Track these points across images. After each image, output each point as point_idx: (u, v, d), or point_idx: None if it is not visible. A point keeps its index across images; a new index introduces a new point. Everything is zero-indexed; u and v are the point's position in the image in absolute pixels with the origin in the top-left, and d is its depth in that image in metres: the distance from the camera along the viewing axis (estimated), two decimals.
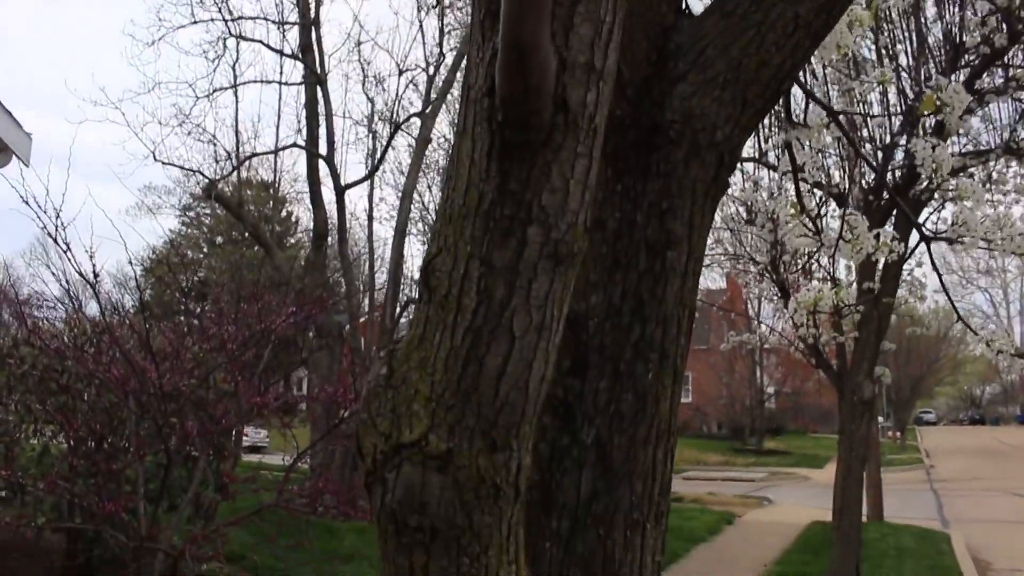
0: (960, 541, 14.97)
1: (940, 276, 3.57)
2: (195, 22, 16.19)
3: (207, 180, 16.02)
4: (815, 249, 7.85)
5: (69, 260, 6.80)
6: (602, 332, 1.53)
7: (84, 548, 9.45)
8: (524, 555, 1.32)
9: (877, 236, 3.44)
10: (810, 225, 4.53)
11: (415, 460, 1.24)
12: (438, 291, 1.27)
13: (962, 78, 8.00)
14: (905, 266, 9.55)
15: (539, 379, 1.27)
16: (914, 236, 8.15)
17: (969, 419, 75.13)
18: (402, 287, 16.09)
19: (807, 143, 2.51)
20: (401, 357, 1.30)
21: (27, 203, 7.23)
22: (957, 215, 3.25)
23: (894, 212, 8.80)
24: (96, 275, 6.75)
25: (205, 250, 31.77)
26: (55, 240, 6.89)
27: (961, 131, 7.75)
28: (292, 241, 33.41)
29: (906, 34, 9.18)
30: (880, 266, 9.36)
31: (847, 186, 9.31)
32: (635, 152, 1.62)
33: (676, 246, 1.59)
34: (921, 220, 8.01)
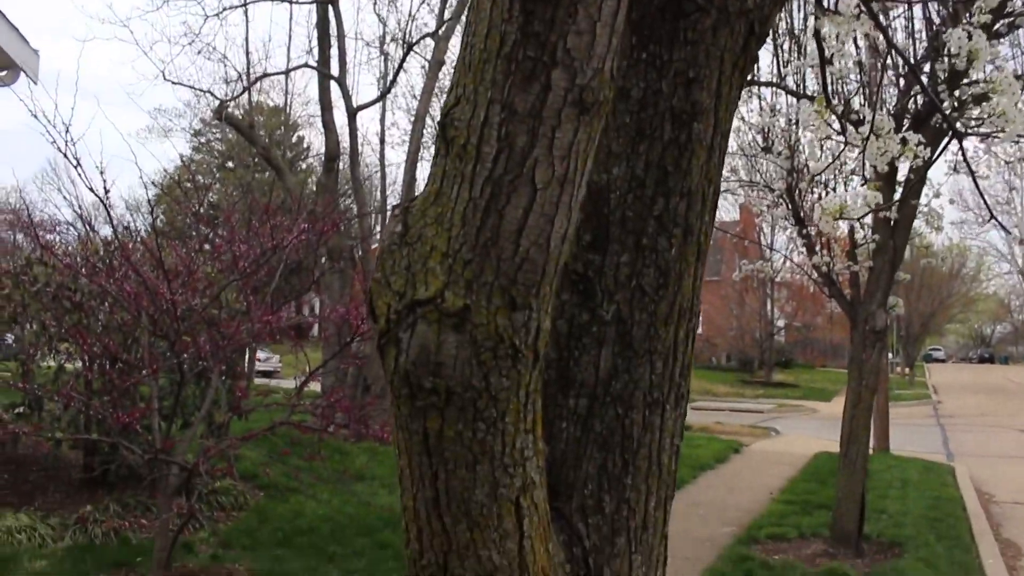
0: (964, 474, 15.11)
1: (973, 174, 3.47)
2: None
3: (218, 101, 15.87)
4: (837, 164, 7.71)
5: (80, 175, 6.75)
6: (624, 205, 1.48)
7: (100, 463, 9.62)
8: (542, 428, 1.30)
9: (903, 140, 3.34)
10: (836, 125, 4.38)
11: (431, 318, 1.20)
12: (456, 142, 1.21)
13: None
14: (923, 198, 9.43)
15: (560, 237, 1.22)
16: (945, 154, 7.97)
17: (978, 357, 75.29)
18: None
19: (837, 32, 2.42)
20: (416, 213, 1.25)
21: (36, 118, 7.17)
22: (994, 107, 3.14)
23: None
24: (107, 190, 6.71)
25: (217, 175, 31.68)
26: (65, 155, 6.85)
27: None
28: (303, 166, 33.27)
29: None
30: (897, 194, 9.24)
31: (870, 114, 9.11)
32: (661, 19, 1.54)
33: (702, 117, 1.52)
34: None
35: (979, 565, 8.98)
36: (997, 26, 7.62)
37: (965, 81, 6.46)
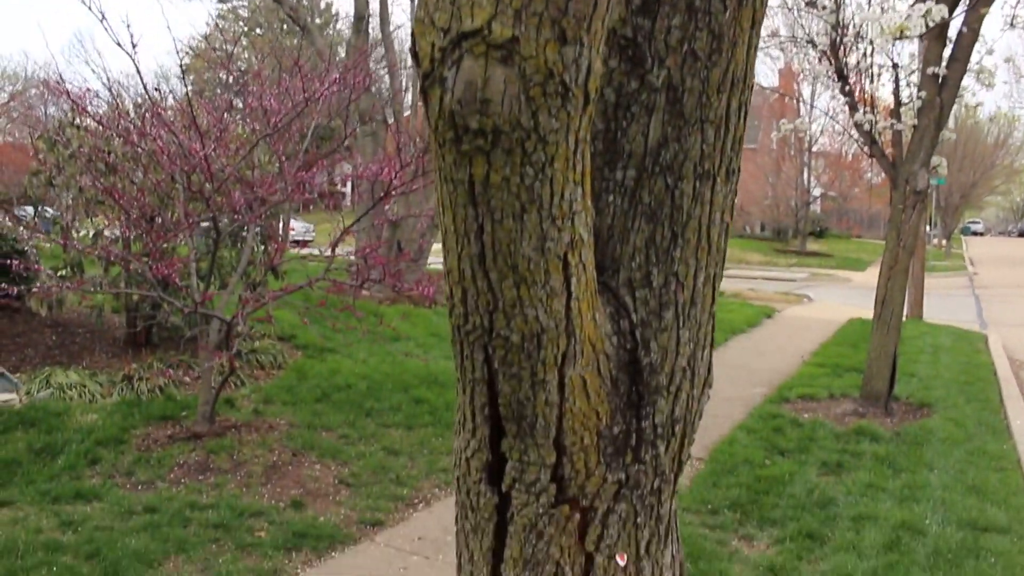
0: (997, 342, 15.07)
1: None
2: None
3: None
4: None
5: (106, 29, 6.64)
6: None
7: (143, 324, 9.86)
8: (591, 188, 1.26)
9: None
10: None
11: (477, 52, 1.14)
12: None
13: None
14: (974, 55, 9.05)
15: None
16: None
17: (1018, 231, 74.11)
18: None
19: None
20: None
21: None
22: None
23: None
24: (135, 45, 6.61)
25: (244, 42, 31.19)
26: (89, 8, 6.73)
27: None
28: (331, 32, 32.68)
29: None
30: (948, 51, 8.87)
31: None
32: None
33: None
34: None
35: (1007, 426, 9.05)
36: None
37: None
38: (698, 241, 1.37)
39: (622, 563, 1.25)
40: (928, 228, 33.78)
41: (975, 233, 71.55)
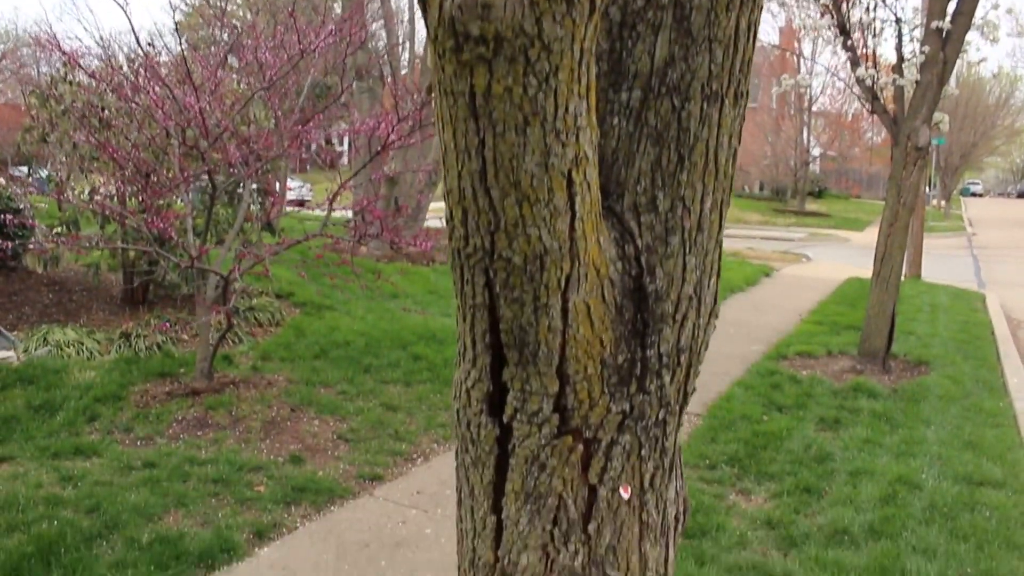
0: (995, 301, 15.09)
1: None
2: None
3: None
4: None
5: None
6: None
7: (140, 280, 9.83)
8: (595, 105, 1.21)
9: None
10: None
11: None
12: None
13: None
14: (979, 10, 8.93)
15: None
16: None
17: (1018, 192, 73.93)
18: None
19: None
20: None
21: None
22: None
23: None
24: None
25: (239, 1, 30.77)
26: None
27: None
28: None
29: None
30: (952, 6, 8.76)
31: None
32: None
33: None
34: None
35: (1003, 384, 9.08)
36: None
37: None
38: (705, 165, 1.33)
39: (626, 496, 1.22)
40: (927, 189, 33.68)
41: (974, 194, 71.40)
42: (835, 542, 5.18)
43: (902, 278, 9.93)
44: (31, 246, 9.16)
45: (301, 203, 24.82)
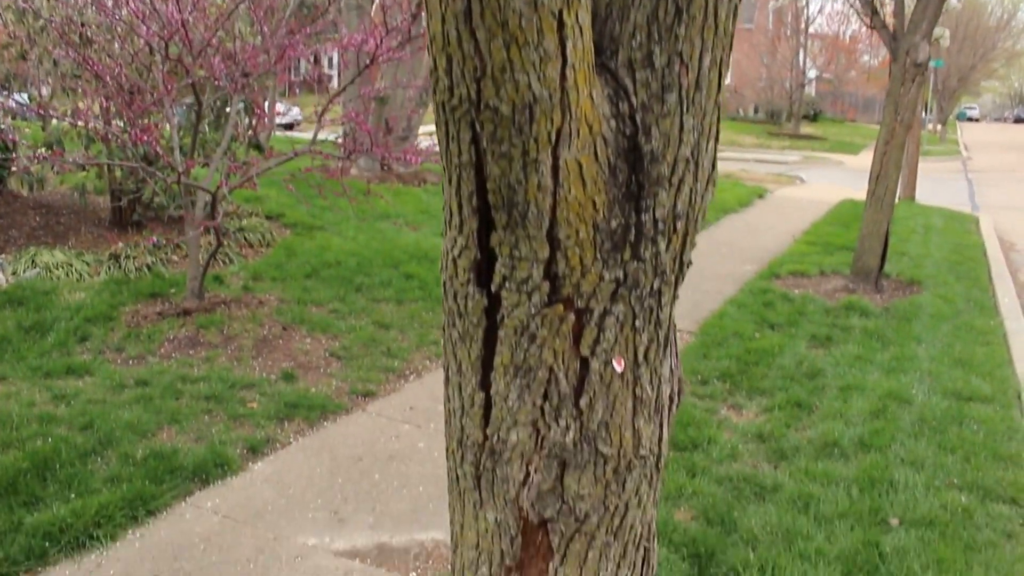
0: (988, 223, 15.08)
1: None
2: None
3: None
4: None
5: None
6: None
7: (128, 201, 9.71)
8: None
9: None
10: None
11: None
12: None
13: None
14: None
15: None
16: None
17: (1015, 117, 73.40)
18: None
19: None
20: None
21: None
22: None
23: None
24: None
25: None
26: None
27: None
28: None
29: None
30: None
31: None
32: None
33: None
34: None
35: (995, 304, 9.11)
36: None
37: None
38: (704, 19, 1.25)
39: (619, 368, 1.18)
40: (924, 114, 33.39)
41: (971, 119, 70.87)
42: (825, 454, 5.23)
43: (896, 200, 9.87)
44: (14, 168, 8.99)
45: (291, 126, 24.50)
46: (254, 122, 8.46)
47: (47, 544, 4.10)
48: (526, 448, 1.22)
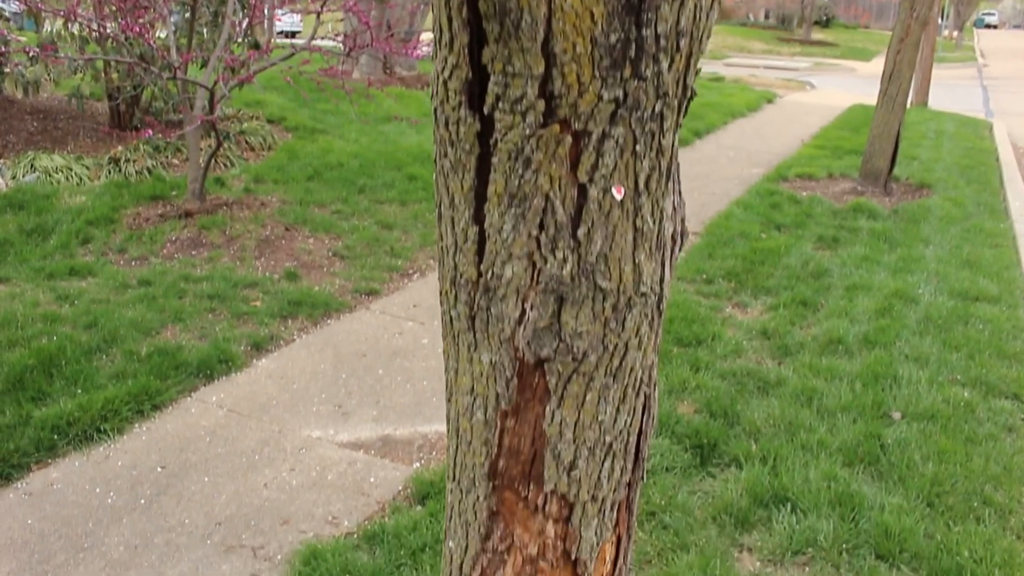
0: (1002, 129, 14.82)
1: None
2: None
3: None
4: None
5: None
6: None
7: (126, 102, 9.55)
8: None
9: None
10: None
11: None
12: None
13: None
14: None
15: None
16: None
17: None
18: None
19: None
20: None
21: None
22: None
23: None
24: None
25: None
26: None
27: None
28: None
29: None
30: None
31: None
32: None
33: None
34: None
35: (1005, 208, 9.00)
36: None
37: None
38: None
39: (619, 196, 1.12)
40: (940, 20, 32.55)
41: (989, 26, 69.11)
42: (829, 351, 5.22)
43: (908, 106, 9.67)
44: (7, 70, 8.82)
45: (292, 35, 24.02)
46: (252, 19, 8.23)
47: (55, 437, 4.13)
48: (521, 283, 1.17)
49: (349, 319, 5.61)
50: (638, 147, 1.11)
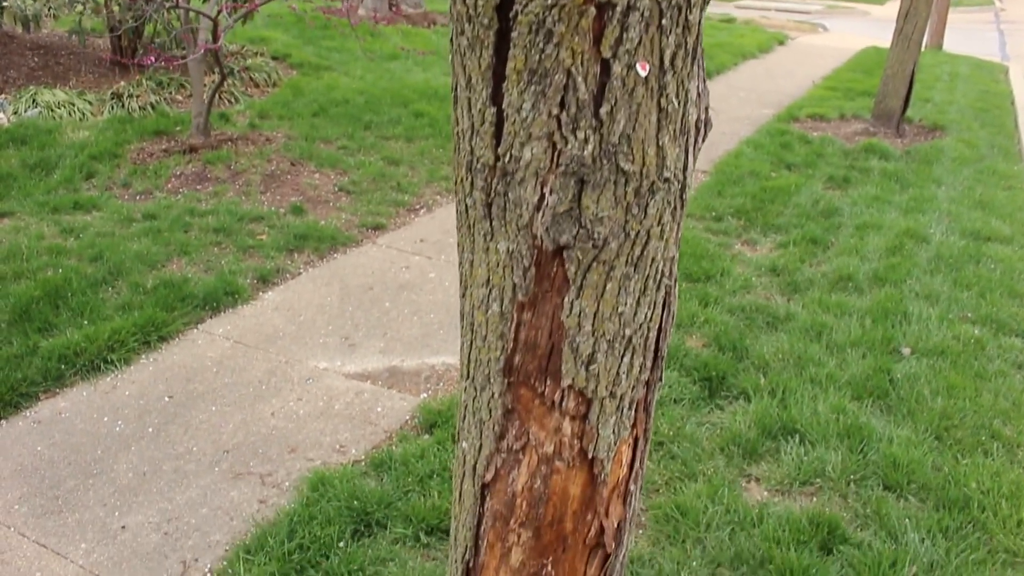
0: (1018, 74, 14.55)
1: None
2: None
3: None
4: None
5: None
6: None
7: (129, 43, 9.42)
8: None
9: None
10: None
11: None
12: None
13: None
14: None
15: None
16: None
17: None
18: None
19: None
20: None
21: None
22: None
23: None
24: None
25: None
26: None
27: None
28: None
29: None
30: None
31: None
32: None
33: None
34: None
35: (1019, 150, 8.88)
36: None
37: None
38: None
39: (643, 73, 1.07)
40: None
41: None
42: (839, 288, 5.19)
43: (922, 48, 9.47)
44: (6, 4, 8.67)
45: None
46: None
47: (62, 367, 4.13)
48: (541, 165, 1.13)
49: (356, 253, 5.58)
50: (664, 21, 1.06)
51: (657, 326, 1.29)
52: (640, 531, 3.16)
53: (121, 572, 2.98)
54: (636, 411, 1.34)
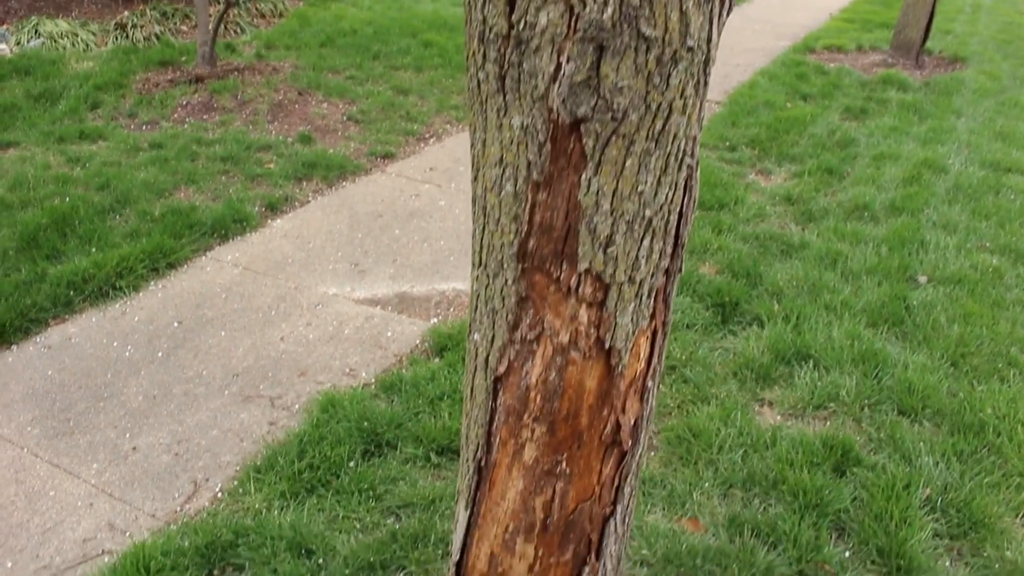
0: None
1: None
2: None
3: None
4: None
5: None
6: None
7: None
8: None
9: None
10: None
11: None
12: None
13: None
14: None
15: None
16: None
17: None
18: None
19: None
20: None
21: None
22: None
23: None
24: None
25: None
26: None
27: None
28: None
29: None
30: None
31: None
32: None
33: None
34: None
35: None
36: None
37: None
38: None
39: None
40: None
41: None
42: (855, 217, 5.10)
43: None
44: None
45: None
46: None
47: (71, 293, 4.11)
48: (557, 31, 1.06)
49: (365, 181, 5.51)
50: None
51: (679, 210, 1.23)
52: (652, 453, 3.15)
53: (133, 491, 2.99)
54: (655, 300, 1.30)
